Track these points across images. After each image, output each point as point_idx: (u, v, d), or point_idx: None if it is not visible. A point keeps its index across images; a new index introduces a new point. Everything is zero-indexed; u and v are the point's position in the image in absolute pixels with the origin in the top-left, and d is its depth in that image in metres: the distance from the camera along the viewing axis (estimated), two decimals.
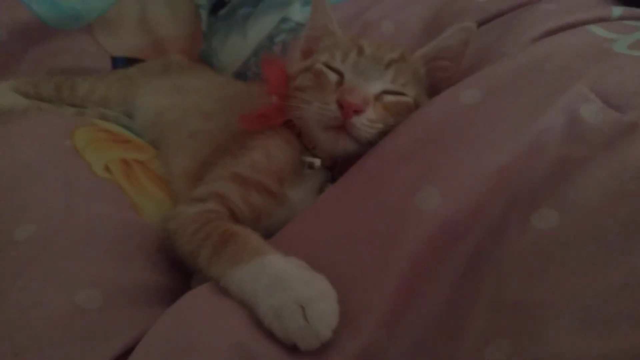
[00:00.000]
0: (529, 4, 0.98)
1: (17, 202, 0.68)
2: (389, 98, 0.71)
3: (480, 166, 0.58)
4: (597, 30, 0.74)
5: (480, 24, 1.01)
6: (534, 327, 0.45)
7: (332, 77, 0.72)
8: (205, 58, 1.33)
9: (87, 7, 1.30)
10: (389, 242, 0.57)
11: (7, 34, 1.17)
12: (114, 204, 0.74)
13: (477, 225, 0.56)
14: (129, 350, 0.54)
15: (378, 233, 0.59)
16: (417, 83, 0.75)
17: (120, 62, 1.33)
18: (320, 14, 0.82)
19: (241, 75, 1.21)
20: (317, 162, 0.73)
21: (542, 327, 0.44)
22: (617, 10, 0.84)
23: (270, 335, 0.52)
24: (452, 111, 0.66)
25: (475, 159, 0.59)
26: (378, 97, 0.70)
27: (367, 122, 0.67)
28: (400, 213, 0.59)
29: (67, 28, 1.28)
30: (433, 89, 0.78)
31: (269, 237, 0.69)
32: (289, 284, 0.53)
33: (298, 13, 1.19)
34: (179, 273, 0.71)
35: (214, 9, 1.34)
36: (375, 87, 0.70)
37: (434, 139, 0.64)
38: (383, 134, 0.69)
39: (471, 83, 0.68)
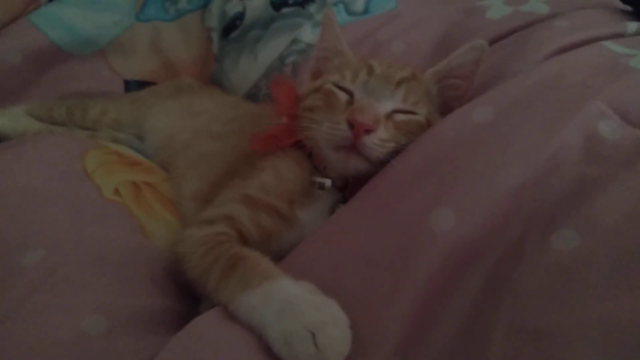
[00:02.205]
0: (541, 21, 0.98)
1: (26, 227, 0.68)
2: (400, 117, 0.70)
3: (495, 186, 0.56)
4: (612, 46, 0.73)
5: (492, 42, 1.00)
6: (558, 354, 0.42)
7: (342, 96, 0.71)
8: (216, 80, 1.34)
9: (100, 32, 1.32)
10: (402, 265, 0.55)
11: (22, 59, 1.19)
12: (123, 228, 0.74)
13: (493, 246, 0.54)
14: None
15: (390, 255, 0.57)
16: (429, 102, 0.74)
17: (133, 85, 1.34)
18: (329, 35, 0.82)
19: (252, 96, 1.21)
20: (328, 182, 0.72)
21: (567, 354, 0.42)
22: (633, 26, 0.83)
23: None
24: (465, 130, 0.64)
25: (490, 178, 0.57)
26: (389, 116, 0.69)
27: (378, 141, 0.66)
28: (413, 235, 0.57)
29: (81, 53, 1.30)
30: (445, 108, 0.77)
31: (280, 260, 0.68)
32: (299, 309, 0.51)
33: (309, 34, 1.19)
34: (187, 297, 0.69)
35: (226, 32, 1.35)
36: (386, 106, 0.69)
37: (447, 158, 0.62)
38: (395, 153, 0.68)
39: (484, 101, 0.67)
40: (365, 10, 1.28)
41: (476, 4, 1.14)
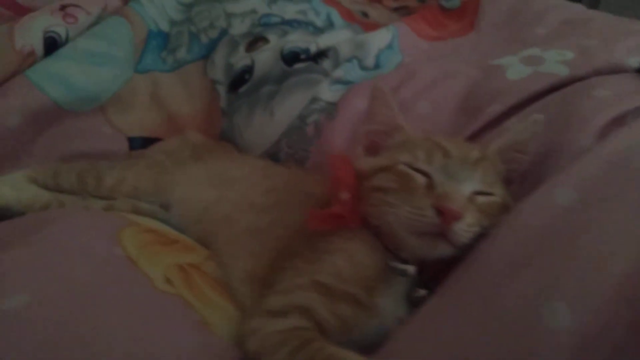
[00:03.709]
0: (566, 85, 1.01)
1: (85, 332, 0.61)
2: (481, 199, 0.69)
3: (604, 276, 0.56)
4: None
5: (519, 105, 1.02)
6: None
7: (420, 179, 0.69)
8: (227, 136, 1.29)
9: (101, 87, 1.25)
10: None
11: (20, 120, 1.10)
12: (185, 324, 0.68)
13: (605, 345, 0.53)
14: None
15: (505, 356, 0.55)
16: (500, 180, 0.74)
17: (137, 142, 1.27)
18: (383, 107, 0.80)
19: (273, 155, 1.17)
20: (411, 269, 0.69)
21: None
22: None
23: None
24: (552, 214, 0.64)
25: (598, 268, 0.56)
26: (471, 199, 0.68)
27: (466, 227, 0.65)
28: (527, 332, 0.55)
29: (81, 110, 1.22)
30: (504, 182, 0.77)
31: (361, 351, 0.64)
32: None
33: (327, 92, 1.17)
34: None
35: (234, 86, 1.31)
36: (468, 189, 0.68)
37: (544, 246, 0.61)
38: (478, 235, 0.67)
39: (562, 182, 0.67)
40: (376, 65, 1.29)
41: (491, 62, 1.17)
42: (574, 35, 1.24)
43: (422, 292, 0.70)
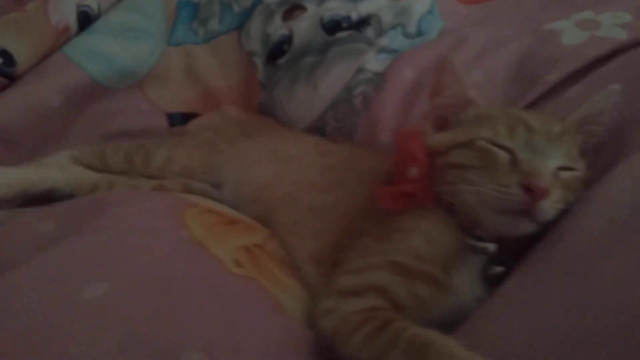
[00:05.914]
0: (626, 49, 0.97)
1: (167, 322, 0.59)
2: (565, 174, 0.67)
3: None
4: None
5: (579, 72, 0.98)
6: None
7: (503, 156, 0.67)
8: (266, 110, 1.26)
9: (138, 62, 1.22)
10: (625, 344, 0.52)
11: (62, 100, 1.07)
12: (264, 309, 0.67)
13: None
14: None
15: (607, 334, 0.54)
16: (580, 153, 0.71)
17: (177, 119, 1.25)
18: (453, 81, 0.76)
19: (318, 129, 1.14)
20: (492, 247, 0.68)
21: None
22: None
23: None
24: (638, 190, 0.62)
25: None
26: (555, 175, 0.66)
27: (552, 204, 0.63)
28: (631, 305, 0.54)
29: (119, 87, 1.19)
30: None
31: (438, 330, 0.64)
32: None
33: (373, 62, 1.14)
34: None
35: (272, 57, 1.27)
36: (553, 165, 0.66)
37: (632, 224, 0.59)
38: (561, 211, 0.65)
39: None
40: (419, 32, 1.24)
41: (544, 27, 1.12)
42: None
43: (498, 269, 0.69)
